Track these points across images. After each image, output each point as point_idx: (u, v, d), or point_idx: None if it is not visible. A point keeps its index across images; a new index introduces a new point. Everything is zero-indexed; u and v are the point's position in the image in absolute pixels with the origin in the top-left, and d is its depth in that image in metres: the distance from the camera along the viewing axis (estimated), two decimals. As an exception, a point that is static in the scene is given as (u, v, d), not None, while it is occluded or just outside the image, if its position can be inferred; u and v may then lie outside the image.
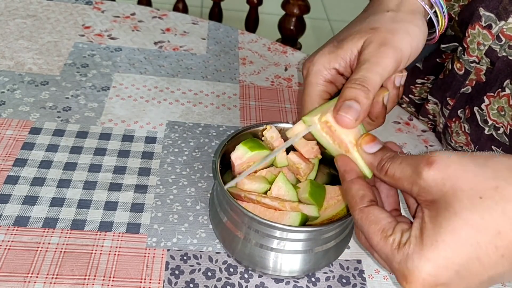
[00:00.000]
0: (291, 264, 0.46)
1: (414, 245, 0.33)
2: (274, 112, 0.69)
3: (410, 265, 0.33)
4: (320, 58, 0.46)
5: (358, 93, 0.41)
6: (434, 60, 0.72)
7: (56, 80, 0.69)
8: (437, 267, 0.32)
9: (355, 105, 0.40)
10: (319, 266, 0.47)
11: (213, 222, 0.49)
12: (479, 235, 0.32)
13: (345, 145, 0.41)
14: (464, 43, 0.61)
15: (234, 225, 0.46)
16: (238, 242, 0.46)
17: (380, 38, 0.44)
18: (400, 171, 0.36)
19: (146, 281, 0.47)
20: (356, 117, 0.40)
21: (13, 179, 0.54)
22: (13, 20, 0.80)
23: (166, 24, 0.84)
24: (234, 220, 0.46)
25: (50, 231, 0.50)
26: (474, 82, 0.62)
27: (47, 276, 0.46)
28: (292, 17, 1.07)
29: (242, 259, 0.47)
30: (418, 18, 0.46)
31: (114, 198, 0.54)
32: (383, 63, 0.42)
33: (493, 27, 0.58)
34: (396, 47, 0.43)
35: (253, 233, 0.45)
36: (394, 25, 0.45)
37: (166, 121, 0.65)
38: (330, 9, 2.56)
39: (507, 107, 0.57)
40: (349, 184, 0.40)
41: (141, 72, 0.73)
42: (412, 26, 0.45)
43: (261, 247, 0.45)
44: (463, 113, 0.63)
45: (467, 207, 0.32)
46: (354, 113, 0.40)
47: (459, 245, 0.32)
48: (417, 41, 0.45)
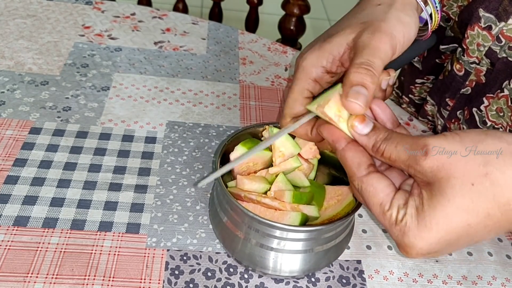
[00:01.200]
0: (291, 264, 0.46)
1: (410, 224, 0.36)
2: (274, 112, 0.69)
3: (407, 240, 0.36)
4: (310, 54, 0.46)
5: (364, 77, 0.40)
6: (434, 61, 0.72)
7: (56, 80, 0.69)
8: (431, 243, 0.36)
9: (363, 91, 0.39)
10: (319, 266, 0.47)
11: (213, 222, 0.49)
12: (470, 217, 0.35)
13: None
14: (463, 44, 0.61)
15: (234, 224, 0.46)
16: (238, 242, 0.46)
17: (373, 27, 0.44)
18: (395, 154, 0.37)
19: (146, 281, 0.47)
20: (365, 103, 0.39)
21: (13, 179, 0.54)
22: (13, 20, 0.80)
23: (166, 24, 0.84)
24: (234, 220, 0.46)
25: (50, 231, 0.50)
26: (474, 83, 0.62)
27: (47, 276, 0.46)
28: (292, 17, 1.07)
29: (242, 259, 0.47)
30: (409, 9, 0.46)
31: (114, 198, 0.54)
32: (382, 48, 0.42)
33: (493, 28, 0.58)
34: (391, 34, 0.43)
35: (253, 233, 0.45)
36: (385, 15, 0.45)
37: (166, 121, 0.65)
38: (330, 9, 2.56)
39: (506, 108, 0.57)
40: (342, 153, 0.40)
41: (141, 72, 0.73)
42: (403, 14, 0.45)
43: (261, 246, 0.45)
44: (462, 114, 0.63)
45: (460, 194, 0.35)
46: (363, 99, 0.39)
47: (452, 228, 0.35)
48: (409, 29, 0.45)
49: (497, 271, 0.53)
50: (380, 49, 0.42)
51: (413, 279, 0.51)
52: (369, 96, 0.40)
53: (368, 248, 0.53)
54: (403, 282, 0.51)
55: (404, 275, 0.51)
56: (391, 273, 0.51)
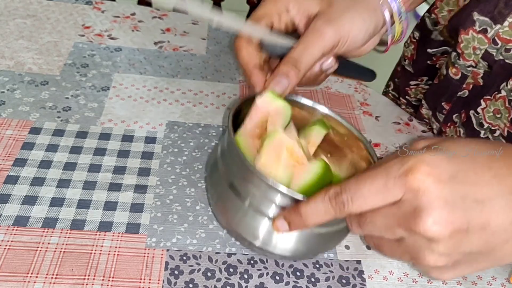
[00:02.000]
0: (286, 242, 0.43)
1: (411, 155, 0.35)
2: (274, 112, 0.69)
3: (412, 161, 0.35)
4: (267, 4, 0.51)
5: (289, 71, 0.46)
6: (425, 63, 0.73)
7: (56, 80, 0.69)
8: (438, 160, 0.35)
9: (284, 81, 0.46)
10: (317, 250, 0.45)
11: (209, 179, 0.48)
12: (477, 155, 0.36)
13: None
14: (458, 49, 0.61)
15: (237, 185, 0.44)
16: (235, 207, 0.44)
17: (329, 13, 0.48)
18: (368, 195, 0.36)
19: (146, 281, 0.47)
20: (283, 91, 0.46)
21: (13, 179, 0.54)
22: (13, 20, 0.80)
23: (166, 24, 0.84)
24: (237, 179, 0.44)
25: (49, 231, 0.50)
26: (471, 85, 0.62)
27: (46, 276, 0.46)
28: (292, 17, 1.07)
29: (236, 227, 0.45)
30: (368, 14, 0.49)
31: (113, 198, 0.54)
32: (320, 42, 0.47)
33: (488, 31, 0.58)
34: (339, 27, 0.47)
35: (252, 196, 0.43)
36: (346, 5, 0.49)
37: (166, 121, 0.65)
38: (330, 9, 2.55)
39: (503, 109, 0.57)
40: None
41: (141, 72, 0.73)
42: (358, 16, 0.49)
43: (258, 213, 0.43)
44: (459, 118, 0.63)
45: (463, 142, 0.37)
46: (281, 87, 0.46)
47: (458, 156, 0.35)
48: (357, 32, 0.49)
49: (496, 272, 0.53)
50: (317, 44, 0.47)
51: (413, 279, 0.51)
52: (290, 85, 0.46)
53: (368, 248, 0.53)
54: (403, 282, 0.51)
55: (404, 275, 0.51)
56: (391, 273, 0.51)
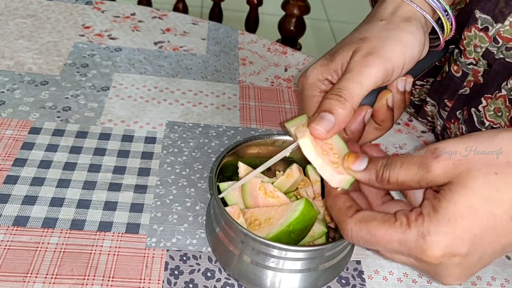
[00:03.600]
0: (290, 283, 0.45)
1: (429, 222, 0.34)
2: (274, 112, 0.69)
3: (428, 240, 0.34)
4: (313, 71, 0.47)
5: (333, 103, 0.41)
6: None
7: (56, 80, 0.69)
8: (454, 239, 0.33)
9: (328, 116, 0.41)
10: (321, 283, 0.46)
11: (209, 235, 0.49)
12: (495, 207, 0.33)
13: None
14: (460, 45, 0.61)
15: (229, 240, 0.45)
16: (233, 258, 0.45)
17: (369, 48, 0.44)
18: (403, 174, 0.36)
19: (146, 281, 0.47)
20: (328, 129, 0.41)
21: (13, 179, 0.54)
22: (13, 20, 0.80)
23: (166, 24, 0.84)
24: (229, 235, 0.45)
25: (49, 231, 0.50)
26: (472, 83, 0.62)
27: (46, 276, 0.46)
28: (292, 17, 1.07)
29: (238, 277, 0.46)
30: (413, 25, 0.45)
31: (113, 198, 0.54)
32: (366, 72, 0.42)
33: (489, 29, 0.58)
34: (384, 56, 0.43)
35: (249, 251, 0.44)
36: (384, 34, 0.45)
37: (165, 121, 0.65)
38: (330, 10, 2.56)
39: (504, 108, 0.57)
40: (335, 199, 0.40)
41: (141, 72, 0.73)
42: (404, 33, 0.45)
43: (257, 265, 0.44)
44: (462, 114, 0.63)
45: (484, 183, 0.33)
46: (326, 125, 0.41)
47: (476, 219, 0.33)
48: (412, 49, 0.45)
49: (496, 272, 0.53)
50: (363, 74, 0.42)
51: (413, 280, 0.51)
52: (337, 121, 0.41)
53: (368, 248, 0.53)
54: (402, 282, 0.51)
55: (404, 275, 0.51)
56: (391, 274, 0.51)
